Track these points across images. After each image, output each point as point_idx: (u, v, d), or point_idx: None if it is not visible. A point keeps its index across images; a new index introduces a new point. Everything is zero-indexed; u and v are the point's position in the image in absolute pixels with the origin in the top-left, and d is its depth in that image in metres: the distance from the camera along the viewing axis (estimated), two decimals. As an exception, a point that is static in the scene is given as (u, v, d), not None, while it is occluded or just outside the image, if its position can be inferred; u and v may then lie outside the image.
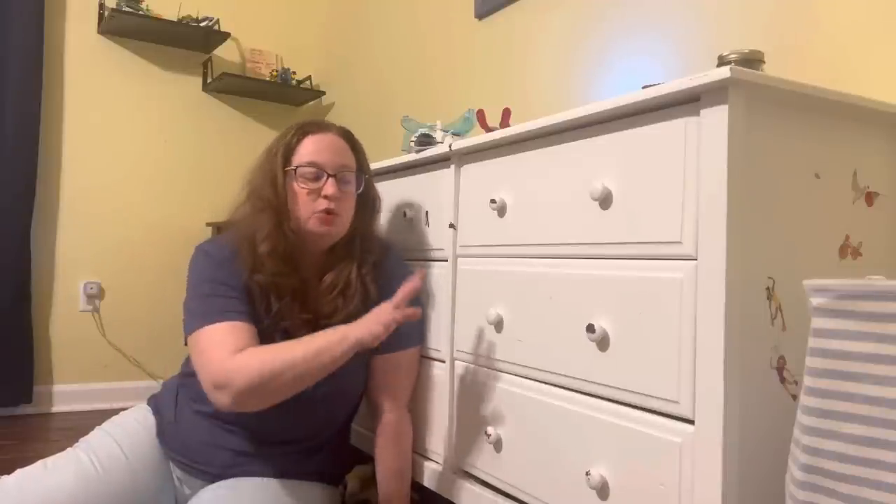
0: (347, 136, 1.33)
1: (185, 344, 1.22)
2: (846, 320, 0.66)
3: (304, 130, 1.28)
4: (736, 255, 0.84)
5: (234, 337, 1.13)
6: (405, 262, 1.42)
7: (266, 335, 1.20)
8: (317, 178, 1.23)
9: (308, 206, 1.23)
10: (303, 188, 1.23)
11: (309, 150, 1.25)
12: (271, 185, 1.24)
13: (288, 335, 1.23)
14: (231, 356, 1.10)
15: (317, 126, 1.30)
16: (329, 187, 1.23)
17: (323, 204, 1.22)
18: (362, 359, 1.33)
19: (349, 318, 1.24)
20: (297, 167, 1.24)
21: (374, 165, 1.45)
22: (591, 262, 1.03)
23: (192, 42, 2.98)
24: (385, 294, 1.28)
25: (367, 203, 1.35)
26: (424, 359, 1.41)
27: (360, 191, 1.30)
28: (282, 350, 1.12)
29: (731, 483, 0.83)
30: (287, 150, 1.26)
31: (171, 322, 2.74)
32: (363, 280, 1.28)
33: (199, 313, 1.17)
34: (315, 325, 1.25)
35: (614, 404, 0.98)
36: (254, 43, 3.19)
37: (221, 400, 1.10)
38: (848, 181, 0.99)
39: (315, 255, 1.29)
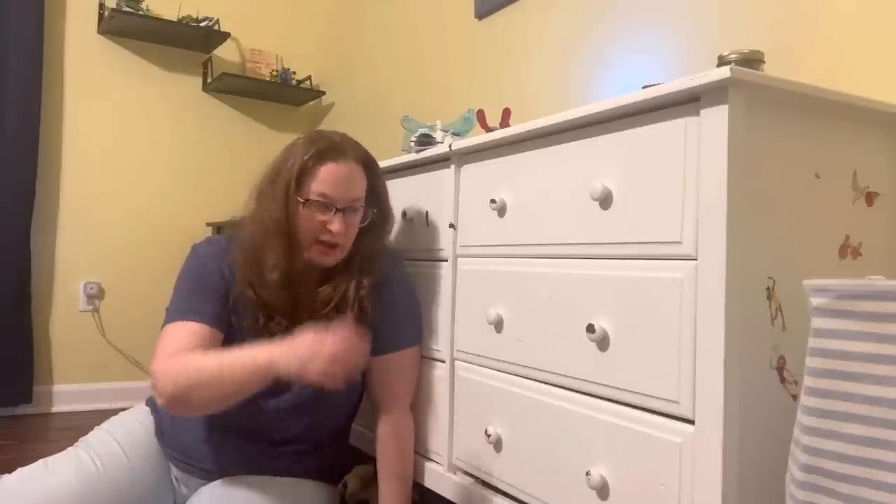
0: (364, 161, 1.29)
1: None
2: (846, 320, 0.66)
3: (322, 156, 1.22)
4: (736, 255, 0.84)
5: (186, 339, 1.14)
6: (406, 270, 1.41)
7: (249, 339, 1.22)
8: (326, 210, 1.22)
9: (312, 233, 1.21)
10: (309, 218, 1.21)
11: (323, 178, 1.21)
12: (283, 208, 1.21)
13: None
14: (168, 358, 1.11)
15: (335, 152, 1.24)
16: (336, 224, 1.21)
17: (326, 236, 1.21)
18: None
19: None
20: (307, 200, 1.20)
21: (374, 165, 1.44)
22: (591, 262, 1.03)
23: (192, 42, 2.98)
24: (385, 307, 1.29)
25: (373, 228, 1.31)
26: (424, 359, 1.41)
27: (364, 224, 1.28)
28: (198, 365, 1.09)
29: (731, 483, 0.83)
30: (301, 173, 1.21)
31: (171, 322, 2.74)
32: (360, 300, 1.26)
33: (170, 311, 1.21)
34: None
35: (614, 404, 0.98)
36: (254, 43, 3.19)
37: (158, 402, 1.11)
38: (848, 181, 0.99)
39: (314, 272, 1.27)
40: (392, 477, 1.32)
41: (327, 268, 1.27)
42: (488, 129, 1.45)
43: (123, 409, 1.37)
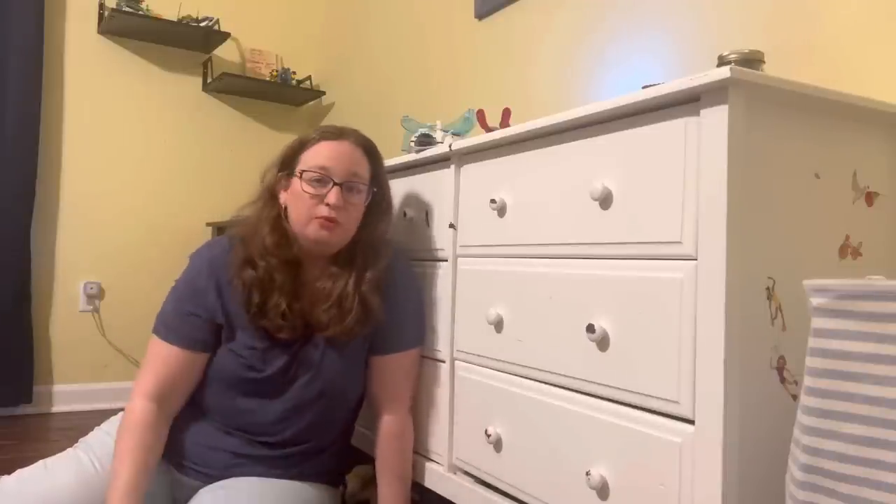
0: (366, 146, 1.30)
1: None
2: (846, 320, 0.66)
3: (322, 134, 1.27)
4: (736, 255, 0.83)
5: (162, 369, 1.24)
6: (413, 271, 1.41)
7: (246, 331, 1.25)
8: (323, 184, 1.22)
9: (310, 209, 1.22)
10: (307, 192, 1.22)
11: (321, 154, 1.24)
12: (279, 186, 1.27)
13: (269, 343, 1.24)
14: (135, 397, 1.22)
15: (335, 132, 1.28)
16: (332, 196, 1.21)
17: (324, 211, 1.21)
18: (360, 360, 1.33)
19: (347, 333, 1.24)
20: (303, 171, 1.23)
21: (374, 165, 1.44)
22: (591, 262, 1.03)
23: (192, 42, 2.98)
24: (389, 307, 1.28)
25: (376, 212, 1.31)
26: (424, 359, 1.41)
27: (366, 202, 1.29)
28: (114, 455, 1.18)
29: (731, 483, 0.83)
30: (300, 150, 1.27)
31: (171, 322, 2.75)
32: (361, 294, 1.25)
33: (163, 321, 1.28)
34: (306, 335, 1.26)
35: (614, 404, 0.98)
36: (254, 43, 3.19)
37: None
38: (848, 181, 0.99)
39: (318, 261, 1.28)
40: (391, 477, 1.32)
41: (331, 260, 1.27)
42: (488, 129, 1.45)
43: (123, 410, 1.37)
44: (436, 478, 1.35)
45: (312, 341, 1.27)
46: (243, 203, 1.32)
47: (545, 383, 1.11)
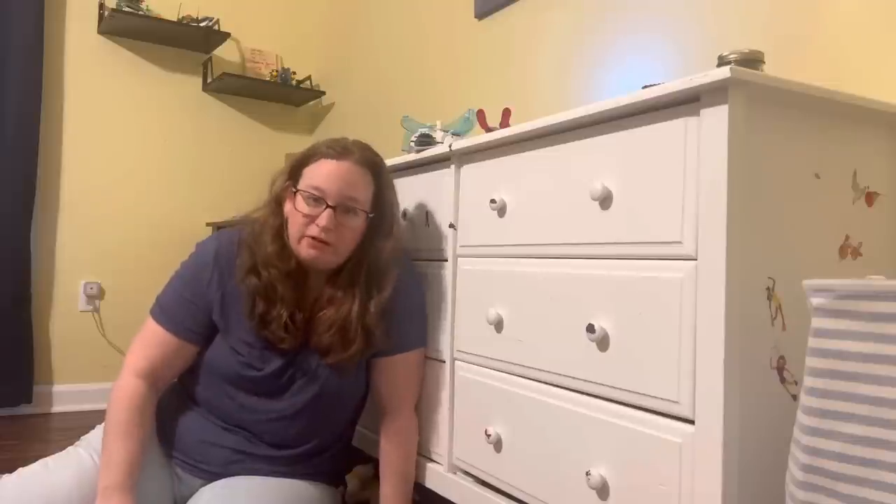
0: (371, 164, 1.27)
1: None
2: (846, 320, 0.66)
3: (325, 151, 1.24)
4: (736, 255, 0.84)
5: (155, 349, 1.26)
6: (417, 272, 1.40)
7: (249, 337, 1.24)
8: (317, 204, 1.21)
9: (302, 228, 1.21)
10: (300, 211, 1.21)
11: (320, 173, 1.22)
12: (285, 195, 1.26)
13: (268, 344, 1.24)
14: (128, 374, 1.26)
15: (339, 151, 1.24)
16: (323, 218, 1.19)
17: (314, 231, 1.19)
18: (360, 365, 1.32)
19: (348, 360, 1.24)
20: (299, 189, 1.22)
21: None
22: (592, 262, 1.03)
23: (192, 42, 2.98)
24: (392, 323, 1.27)
25: (378, 234, 1.27)
26: (425, 358, 1.41)
27: (362, 228, 1.25)
28: (108, 431, 1.23)
29: (732, 483, 0.83)
30: (305, 163, 1.25)
31: (171, 322, 2.74)
32: (365, 325, 1.23)
33: (160, 304, 1.29)
34: (307, 353, 1.26)
35: (614, 404, 0.98)
36: (254, 43, 3.19)
37: None
38: (848, 181, 0.99)
39: (320, 280, 1.28)
40: (395, 477, 1.32)
41: (333, 281, 1.26)
42: (488, 129, 1.45)
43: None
44: (436, 478, 1.35)
45: (311, 347, 1.27)
46: (246, 204, 1.32)
47: (545, 383, 1.11)
